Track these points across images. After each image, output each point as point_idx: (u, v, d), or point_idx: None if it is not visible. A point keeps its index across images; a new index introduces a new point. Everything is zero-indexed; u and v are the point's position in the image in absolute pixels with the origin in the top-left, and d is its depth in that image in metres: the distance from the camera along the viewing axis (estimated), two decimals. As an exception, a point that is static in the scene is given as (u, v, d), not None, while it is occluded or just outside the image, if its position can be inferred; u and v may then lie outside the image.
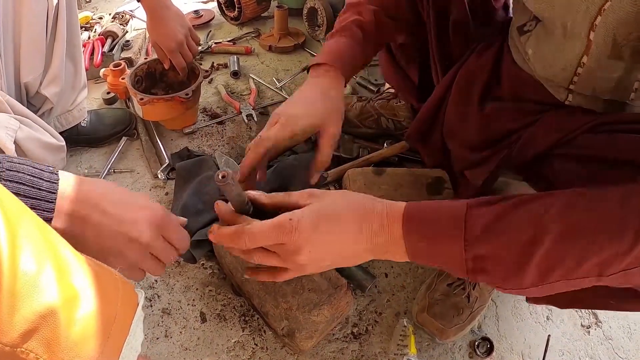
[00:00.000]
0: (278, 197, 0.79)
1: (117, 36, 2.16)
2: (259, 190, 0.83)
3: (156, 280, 1.29)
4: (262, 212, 0.78)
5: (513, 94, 1.06)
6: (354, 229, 0.71)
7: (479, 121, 1.10)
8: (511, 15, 1.17)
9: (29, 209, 0.64)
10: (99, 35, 2.14)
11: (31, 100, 1.38)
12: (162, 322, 1.21)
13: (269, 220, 0.71)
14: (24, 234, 0.58)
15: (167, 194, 1.52)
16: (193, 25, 2.31)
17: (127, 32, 2.26)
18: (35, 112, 1.30)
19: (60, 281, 0.60)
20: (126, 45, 2.12)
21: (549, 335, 1.21)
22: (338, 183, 1.48)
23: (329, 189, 1.42)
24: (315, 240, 0.70)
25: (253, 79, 2.01)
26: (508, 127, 1.03)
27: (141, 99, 1.53)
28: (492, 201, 0.68)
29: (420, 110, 1.27)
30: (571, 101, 0.95)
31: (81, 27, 2.04)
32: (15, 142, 1.19)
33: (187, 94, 1.55)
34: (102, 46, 2.06)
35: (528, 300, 0.94)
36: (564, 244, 0.62)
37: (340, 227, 0.71)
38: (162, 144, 1.65)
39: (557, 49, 0.90)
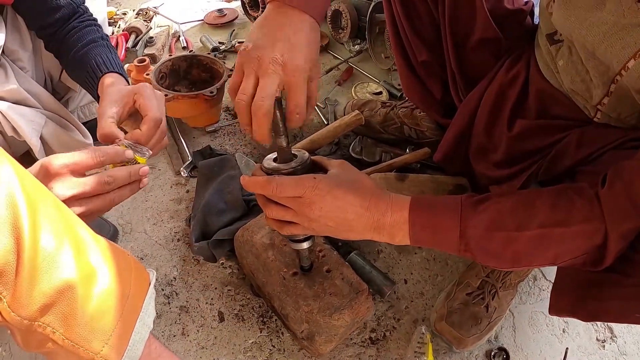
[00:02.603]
0: (322, 158, 0.94)
1: (141, 32, 2.18)
2: None
3: (174, 278, 1.29)
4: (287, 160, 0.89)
5: (540, 110, 1.06)
6: (360, 205, 0.82)
7: (507, 141, 1.10)
8: (536, 22, 1.15)
9: (48, 190, 0.66)
10: (122, 30, 2.16)
11: (55, 87, 1.39)
12: (180, 319, 1.21)
13: (296, 176, 0.84)
14: (44, 214, 0.60)
15: (188, 191, 1.53)
16: (216, 24, 2.35)
17: (150, 28, 2.28)
18: (59, 100, 1.31)
19: (78, 259, 0.63)
20: (149, 42, 2.13)
21: (567, 348, 1.19)
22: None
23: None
24: (327, 201, 0.81)
25: None
26: (536, 144, 1.04)
27: (165, 95, 1.53)
28: (483, 200, 0.81)
29: (447, 134, 1.28)
30: (600, 118, 0.95)
31: (105, 22, 2.04)
32: (41, 138, 1.21)
33: (211, 92, 1.56)
34: (126, 42, 2.08)
35: (550, 311, 0.93)
36: (533, 245, 0.78)
37: (349, 198, 0.82)
38: (184, 142, 1.66)
39: (592, 68, 0.89)
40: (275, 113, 0.81)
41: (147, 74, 1.67)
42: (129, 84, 1.14)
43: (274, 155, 0.92)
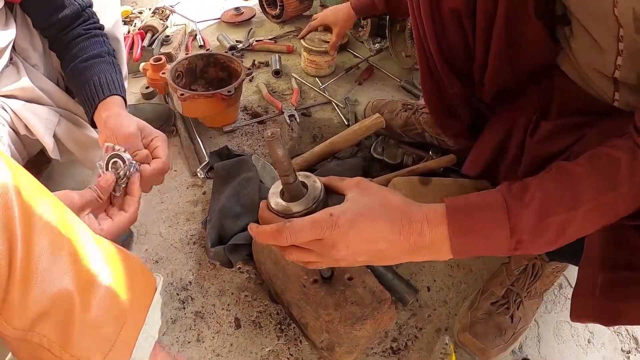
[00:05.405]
0: (333, 179, 0.83)
1: (157, 31, 2.16)
2: None
3: (190, 282, 1.27)
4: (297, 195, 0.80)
5: (560, 108, 1.03)
6: (391, 231, 0.73)
7: (532, 146, 1.06)
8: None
9: (48, 191, 0.63)
10: (138, 29, 2.14)
11: (68, 85, 1.36)
12: (195, 325, 1.19)
13: (309, 216, 0.74)
14: (40, 216, 0.57)
15: (204, 193, 1.51)
16: (233, 23, 2.36)
17: (167, 27, 2.26)
18: (72, 98, 1.30)
19: (75, 264, 0.60)
20: (166, 41, 2.12)
21: (591, 361, 1.17)
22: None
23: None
24: (352, 237, 0.72)
25: (295, 78, 1.98)
26: (558, 147, 1.00)
27: (182, 94, 1.52)
28: (524, 188, 0.73)
29: (480, 148, 1.22)
30: (619, 100, 0.93)
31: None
32: (54, 136, 1.19)
33: (229, 91, 1.54)
34: (142, 40, 2.06)
35: (572, 318, 0.91)
36: (589, 219, 0.72)
37: (377, 226, 0.73)
38: (201, 142, 1.64)
39: (596, 33, 0.88)
40: (277, 151, 0.73)
41: (163, 73, 1.66)
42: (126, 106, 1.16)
43: (278, 187, 0.82)
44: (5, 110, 1.13)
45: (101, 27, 1.25)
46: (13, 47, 1.18)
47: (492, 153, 1.19)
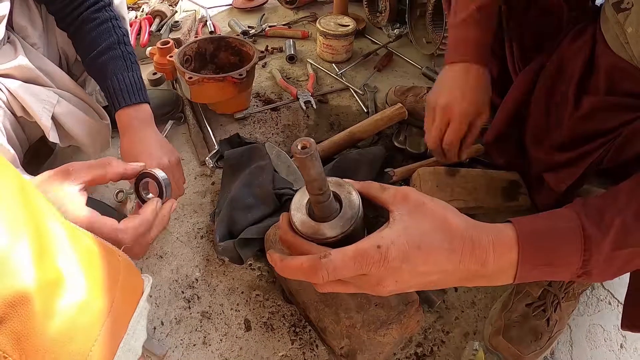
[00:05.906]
0: (372, 188, 0.70)
1: (166, 16, 2.11)
2: None
3: (196, 280, 1.20)
4: (329, 212, 0.66)
5: (609, 86, 0.97)
6: (450, 261, 0.64)
7: (572, 121, 1.01)
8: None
9: (12, 168, 0.51)
10: (146, 14, 2.09)
11: (71, 67, 1.32)
12: (201, 326, 1.13)
13: (350, 248, 0.62)
14: None
15: (213, 183, 1.45)
16: (245, 9, 2.33)
17: (176, 12, 2.22)
18: (75, 80, 1.25)
19: (39, 260, 0.48)
20: (175, 26, 2.06)
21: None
22: (405, 182, 1.38)
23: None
24: (404, 272, 0.63)
25: (311, 63, 1.93)
26: (604, 125, 0.95)
27: (190, 78, 1.46)
28: (601, 214, 0.67)
29: (501, 111, 1.18)
30: None
31: (128, 8, 1.99)
32: (53, 117, 1.14)
33: (240, 74, 1.48)
34: (149, 26, 2.01)
35: (623, 327, 0.86)
36: None
37: (434, 259, 0.63)
38: (210, 129, 1.59)
39: None
40: (309, 171, 0.60)
41: (171, 56, 1.60)
42: (146, 100, 1.14)
43: (302, 199, 0.69)
44: (1, 90, 1.07)
45: (108, 3, 1.19)
46: (10, 24, 1.13)
47: (510, 116, 1.16)
